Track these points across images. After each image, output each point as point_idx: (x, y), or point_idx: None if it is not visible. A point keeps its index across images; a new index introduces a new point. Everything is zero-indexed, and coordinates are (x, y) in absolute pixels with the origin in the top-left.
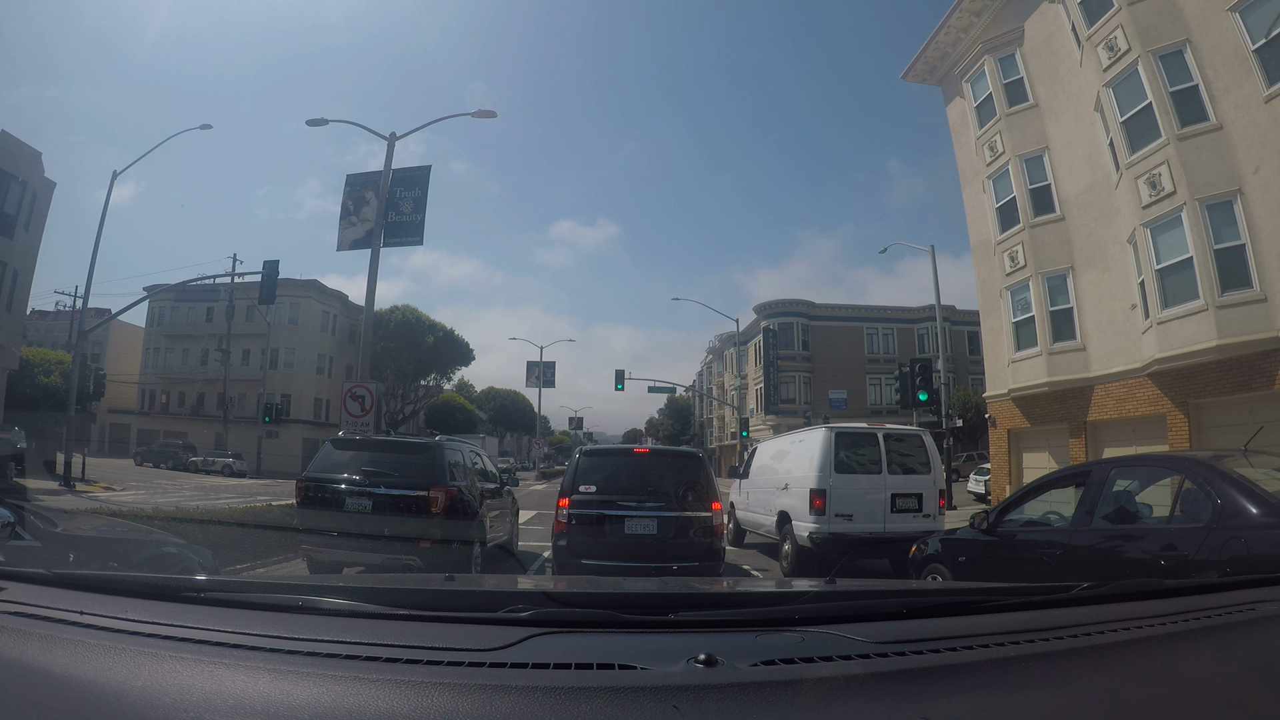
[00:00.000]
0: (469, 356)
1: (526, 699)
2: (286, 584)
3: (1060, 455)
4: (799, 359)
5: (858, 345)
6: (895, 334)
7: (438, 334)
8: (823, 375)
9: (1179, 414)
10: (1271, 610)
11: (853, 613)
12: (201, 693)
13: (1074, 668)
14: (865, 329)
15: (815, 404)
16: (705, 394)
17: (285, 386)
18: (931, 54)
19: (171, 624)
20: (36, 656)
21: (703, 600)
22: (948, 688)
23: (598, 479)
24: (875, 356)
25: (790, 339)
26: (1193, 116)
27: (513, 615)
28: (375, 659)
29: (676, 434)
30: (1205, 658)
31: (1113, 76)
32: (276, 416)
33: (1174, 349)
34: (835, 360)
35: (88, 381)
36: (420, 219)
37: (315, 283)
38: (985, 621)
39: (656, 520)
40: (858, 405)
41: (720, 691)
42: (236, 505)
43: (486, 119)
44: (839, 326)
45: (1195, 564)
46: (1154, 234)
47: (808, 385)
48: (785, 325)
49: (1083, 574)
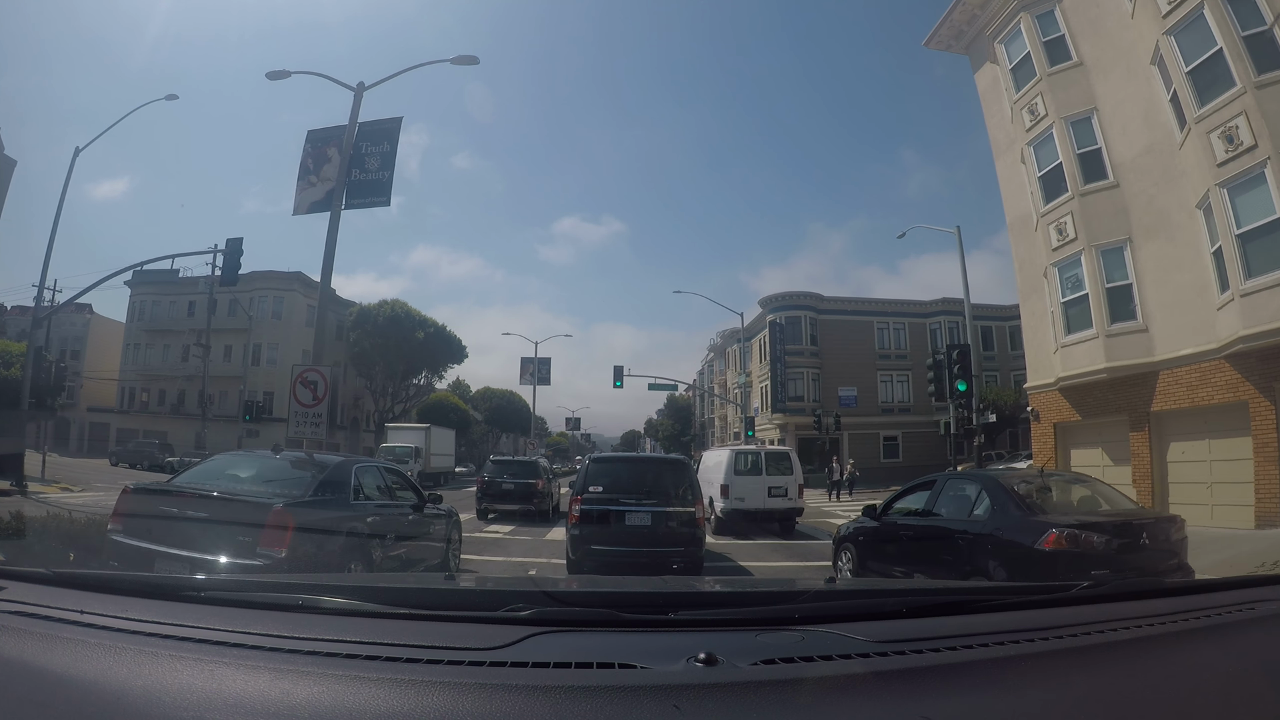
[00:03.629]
0: (462, 354)
1: (527, 698)
2: (287, 583)
3: (1117, 451)
4: (807, 354)
5: (868, 340)
6: (906, 329)
7: (429, 330)
8: (832, 371)
9: (1264, 400)
10: (1271, 610)
11: (852, 612)
12: (202, 692)
13: (1074, 667)
14: (875, 323)
15: (825, 401)
16: (707, 392)
17: (268, 383)
18: (958, 17)
19: (172, 623)
20: (37, 656)
21: (702, 599)
22: (947, 687)
23: (604, 481)
24: (886, 352)
25: (798, 333)
26: (1271, 62)
27: (513, 614)
28: (375, 658)
29: (676, 435)
30: (1205, 657)
31: (1174, 23)
32: (257, 415)
33: (1261, 324)
34: (844, 356)
35: (46, 374)
36: (388, 177)
37: (300, 275)
38: (985, 621)
39: (651, 514)
40: (868, 402)
41: (720, 690)
42: None
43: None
44: (848, 321)
45: (980, 538)
46: (1232, 194)
47: (816, 382)
48: (793, 319)
49: (926, 546)
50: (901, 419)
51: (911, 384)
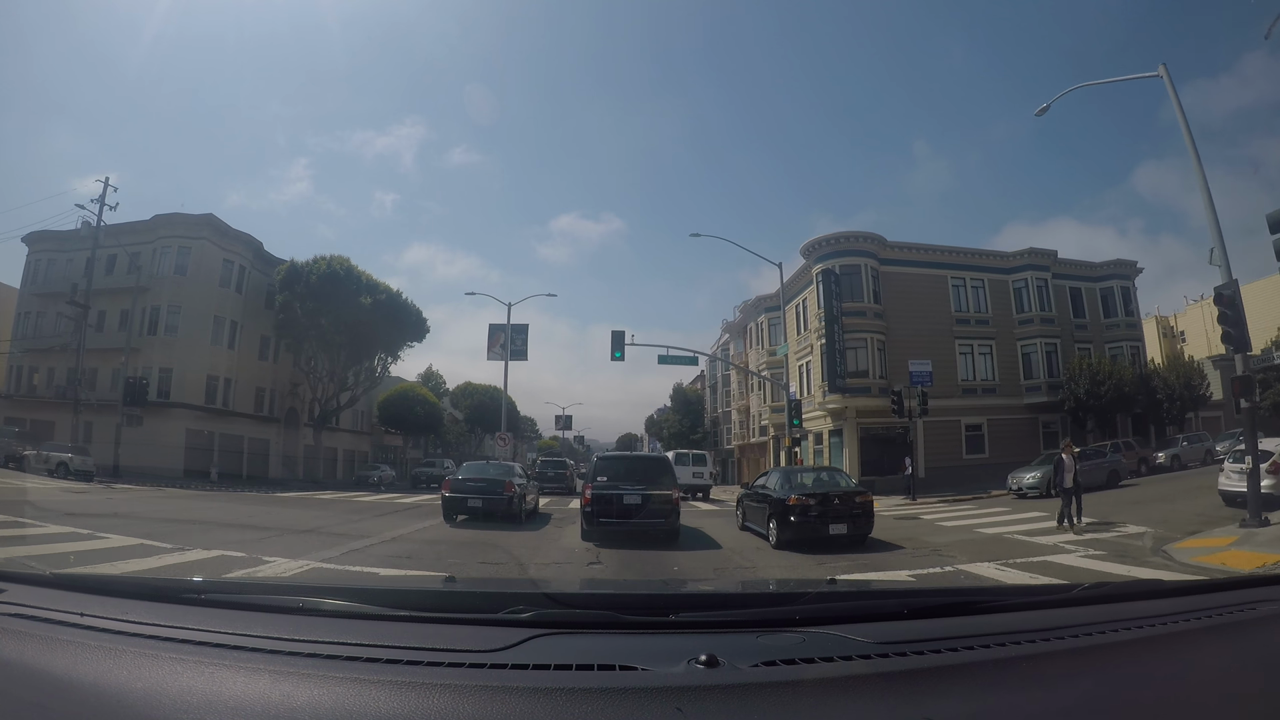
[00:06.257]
0: (422, 328)
1: (527, 700)
2: (286, 585)
3: None
4: (870, 315)
5: (941, 300)
6: (986, 287)
7: (378, 296)
8: (899, 340)
9: None
10: (1272, 610)
11: (853, 613)
12: (202, 694)
13: (1074, 668)
14: (950, 279)
15: (892, 378)
16: (722, 380)
17: (165, 357)
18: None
19: (172, 625)
20: (37, 658)
21: (703, 601)
22: (949, 688)
23: (608, 473)
24: (964, 315)
25: (857, 287)
26: None
27: (513, 616)
28: (376, 660)
29: (685, 433)
30: (1205, 657)
31: None
32: (142, 397)
33: None
34: (914, 320)
35: None
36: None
37: (211, 219)
38: (986, 622)
39: (641, 495)
40: (946, 381)
41: (721, 692)
42: None
43: None
44: (917, 275)
45: (773, 498)
46: None
47: (882, 352)
48: (850, 269)
49: (757, 501)
50: (986, 401)
51: (995, 357)
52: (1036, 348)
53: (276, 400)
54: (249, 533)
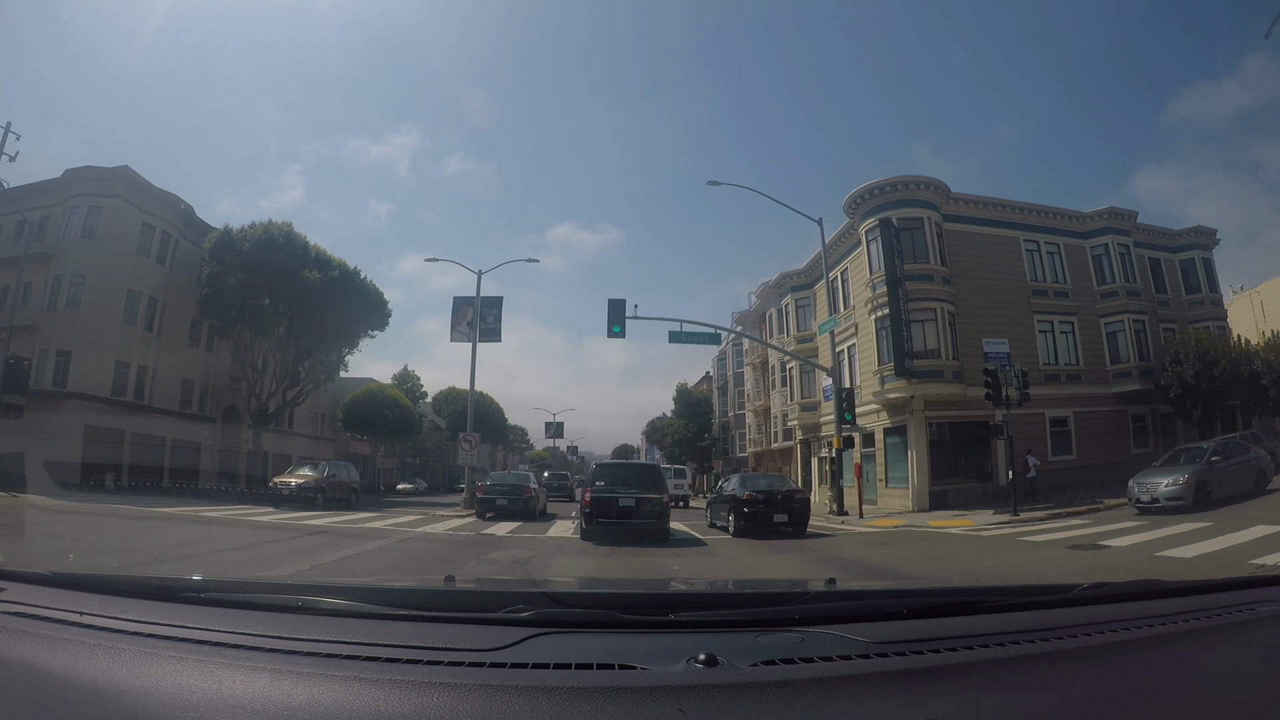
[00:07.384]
0: (383, 313)
1: (527, 699)
2: (286, 584)
3: None
4: (937, 279)
5: (1015, 266)
6: (1061, 253)
7: (329, 272)
8: (970, 311)
9: None
10: (1272, 610)
11: (853, 613)
12: (202, 693)
13: (1075, 668)
14: (1023, 241)
15: (965, 360)
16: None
17: (65, 339)
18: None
19: (172, 624)
20: (37, 657)
21: (702, 600)
22: (949, 688)
23: (605, 479)
24: (1041, 285)
25: (920, 245)
26: None
27: (513, 615)
28: (375, 659)
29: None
30: (1206, 658)
31: None
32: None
33: None
34: (986, 289)
35: None
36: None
37: (126, 171)
38: (986, 622)
39: (635, 498)
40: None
41: (721, 692)
42: None
43: None
44: (987, 236)
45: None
46: None
47: (952, 327)
48: (910, 222)
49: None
50: (1071, 390)
51: (1078, 336)
52: (1123, 325)
53: (210, 395)
54: None
